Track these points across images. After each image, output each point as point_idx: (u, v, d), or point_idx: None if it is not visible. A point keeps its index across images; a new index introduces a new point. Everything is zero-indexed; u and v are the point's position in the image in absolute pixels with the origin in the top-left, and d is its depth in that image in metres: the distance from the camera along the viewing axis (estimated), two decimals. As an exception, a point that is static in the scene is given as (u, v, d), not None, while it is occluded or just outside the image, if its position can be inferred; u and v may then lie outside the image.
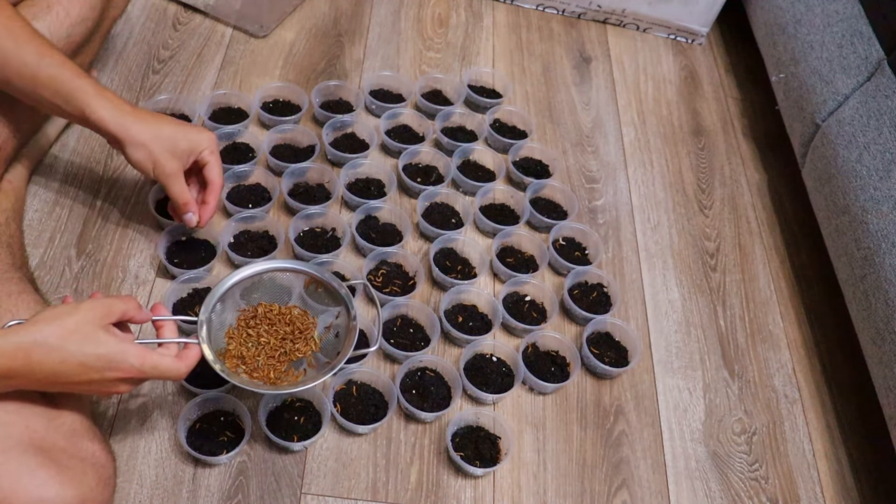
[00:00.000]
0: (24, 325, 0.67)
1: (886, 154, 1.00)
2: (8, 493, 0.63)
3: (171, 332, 0.77)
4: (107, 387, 0.71)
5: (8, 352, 0.65)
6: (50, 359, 0.66)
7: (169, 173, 0.89)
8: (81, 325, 0.68)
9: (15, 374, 0.66)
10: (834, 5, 1.21)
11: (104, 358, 0.68)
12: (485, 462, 0.90)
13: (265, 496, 0.85)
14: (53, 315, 0.68)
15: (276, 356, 0.83)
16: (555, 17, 1.55)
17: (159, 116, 0.90)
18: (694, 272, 1.18)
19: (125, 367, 0.70)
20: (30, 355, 0.65)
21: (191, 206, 0.92)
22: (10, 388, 0.68)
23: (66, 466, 0.68)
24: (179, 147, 0.89)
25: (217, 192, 0.94)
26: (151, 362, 0.71)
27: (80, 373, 0.68)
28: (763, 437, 1.02)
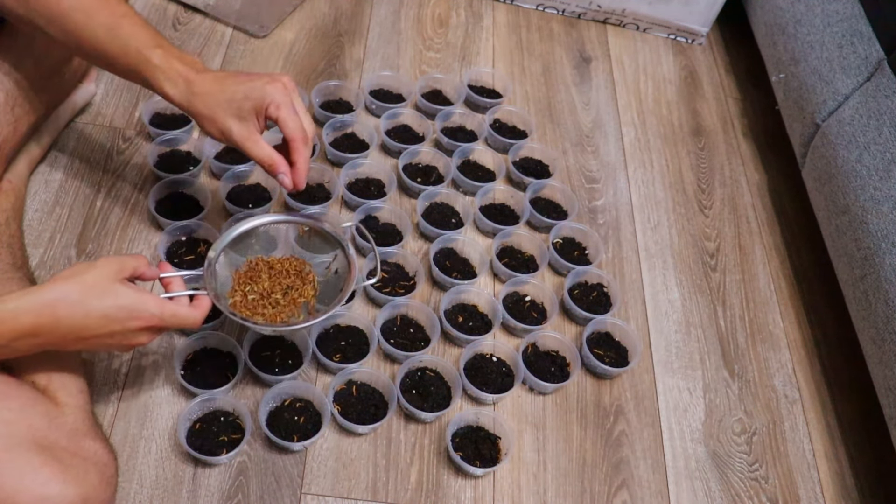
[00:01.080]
0: (44, 284, 0.68)
1: (886, 154, 1.00)
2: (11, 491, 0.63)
3: (179, 287, 0.78)
4: (128, 338, 0.73)
5: (34, 308, 0.67)
6: (74, 313, 0.68)
7: (239, 140, 0.81)
8: (100, 280, 0.70)
9: (41, 331, 0.67)
10: (834, 5, 1.21)
11: (125, 308, 0.70)
12: (485, 462, 0.90)
13: (265, 496, 0.85)
14: (71, 273, 0.70)
15: (281, 303, 0.86)
16: (555, 17, 1.55)
17: (223, 79, 0.81)
18: (694, 272, 1.18)
19: (146, 316, 0.72)
20: (55, 311, 0.67)
21: (277, 165, 0.82)
22: (36, 347, 0.69)
23: (69, 465, 0.68)
24: (244, 109, 0.80)
25: (300, 148, 0.82)
26: (170, 310, 0.74)
27: (103, 325, 0.70)
28: (763, 437, 1.02)
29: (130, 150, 1.13)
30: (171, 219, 1.02)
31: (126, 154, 1.12)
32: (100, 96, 1.18)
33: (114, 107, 1.18)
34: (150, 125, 1.12)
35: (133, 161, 1.12)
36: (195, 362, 0.91)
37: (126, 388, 0.90)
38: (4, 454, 0.65)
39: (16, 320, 0.67)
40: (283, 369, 0.92)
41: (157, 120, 1.14)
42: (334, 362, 0.93)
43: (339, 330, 0.98)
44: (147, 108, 1.13)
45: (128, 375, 0.91)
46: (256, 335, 0.94)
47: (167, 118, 1.15)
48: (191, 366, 0.91)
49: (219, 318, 0.94)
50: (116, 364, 0.92)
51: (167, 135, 1.10)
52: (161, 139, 1.10)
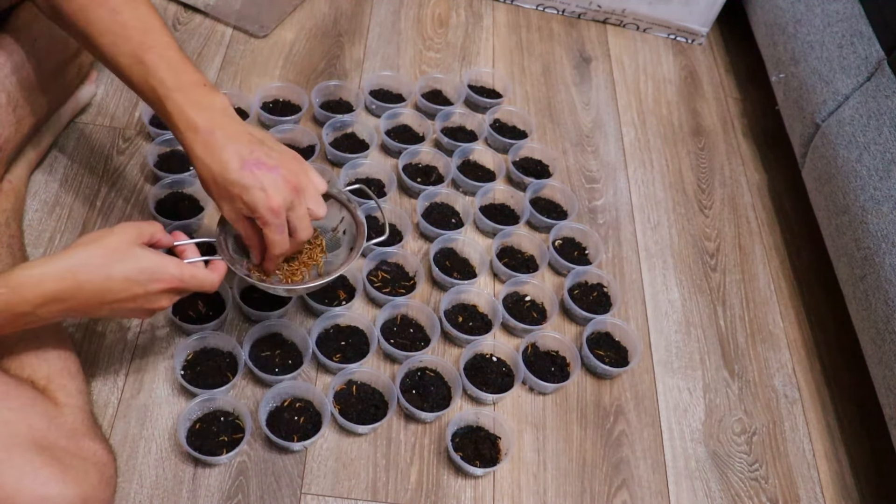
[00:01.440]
0: (66, 250, 0.69)
1: (886, 154, 1.00)
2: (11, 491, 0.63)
3: (193, 255, 0.79)
4: (150, 301, 0.73)
5: (56, 274, 0.67)
6: (96, 277, 0.69)
7: (228, 219, 0.79)
8: (120, 244, 0.71)
9: (65, 297, 0.68)
10: (834, 5, 1.21)
11: (147, 271, 0.71)
12: (485, 462, 0.90)
13: (265, 496, 0.85)
14: (92, 238, 0.71)
15: (290, 266, 0.88)
16: (555, 17, 1.55)
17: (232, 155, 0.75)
18: (694, 272, 1.18)
19: (167, 278, 0.73)
20: (77, 276, 0.68)
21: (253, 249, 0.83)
22: (60, 314, 0.70)
23: (69, 465, 0.68)
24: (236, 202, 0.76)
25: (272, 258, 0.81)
26: (190, 271, 0.75)
27: (126, 288, 0.71)
28: (763, 437, 1.02)
29: (130, 150, 1.13)
30: (171, 219, 1.02)
31: (126, 154, 1.12)
32: (100, 96, 1.18)
33: (114, 107, 1.18)
34: (150, 125, 1.12)
35: (133, 161, 1.12)
36: (195, 362, 0.91)
37: (126, 388, 0.90)
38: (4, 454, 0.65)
39: (39, 286, 0.67)
40: (283, 369, 0.92)
41: (157, 120, 1.14)
42: (334, 362, 0.93)
43: (339, 330, 0.98)
44: (147, 108, 1.13)
45: (128, 375, 0.91)
46: (256, 335, 0.94)
47: (167, 118, 1.15)
48: (191, 366, 0.91)
49: (219, 317, 0.94)
50: (116, 364, 0.92)
51: (167, 135, 1.10)
52: (161, 139, 1.10)
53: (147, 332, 0.95)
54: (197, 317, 0.95)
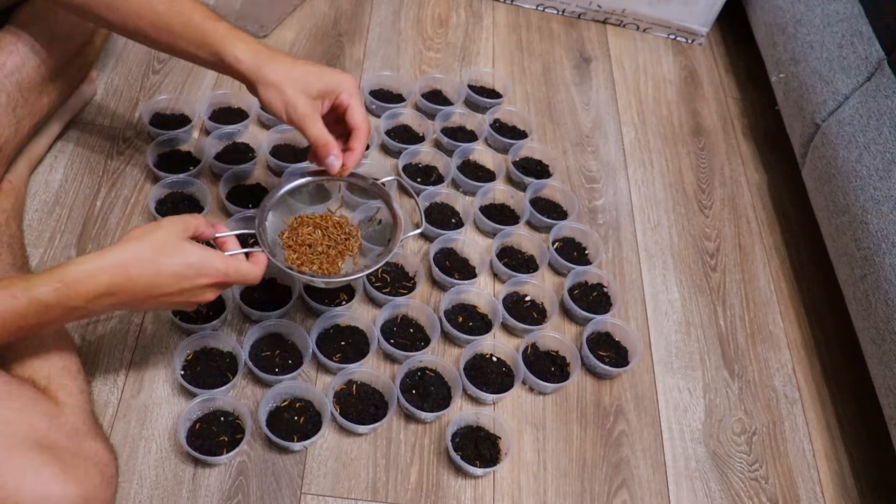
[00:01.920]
0: (116, 245, 0.71)
1: (886, 154, 1.00)
2: (13, 490, 0.63)
3: (234, 247, 0.81)
4: (196, 295, 0.76)
5: (108, 268, 0.69)
6: (146, 272, 0.71)
7: (302, 114, 0.82)
8: (169, 239, 0.73)
9: (116, 290, 0.70)
10: (834, 5, 1.21)
11: (194, 266, 0.73)
12: (485, 462, 0.90)
13: (265, 496, 0.85)
14: (141, 233, 0.72)
15: (328, 256, 0.89)
16: (555, 17, 1.55)
17: (297, 59, 0.84)
18: (694, 272, 1.18)
19: (213, 272, 0.75)
20: (128, 270, 0.70)
21: (331, 146, 0.84)
22: (111, 306, 0.72)
23: (70, 464, 0.68)
24: (314, 87, 0.83)
25: (363, 137, 0.86)
26: (234, 265, 0.77)
27: (174, 282, 0.73)
28: (763, 437, 1.02)
29: (130, 150, 1.13)
30: (171, 219, 1.02)
31: (126, 154, 1.12)
32: (100, 96, 1.18)
33: (114, 107, 1.18)
34: (150, 125, 1.12)
35: (133, 161, 1.12)
36: (195, 362, 0.91)
37: (126, 388, 0.90)
38: (6, 453, 0.65)
39: (92, 280, 0.69)
40: (283, 369, 0.92)
41: (157, 120, 1.14)
42: (334, 362, 0.93)
43: (339, 330, 0.98)
44: (147, 108, 1.13)
45: (128, 375, 0.91)
46: (256, 335, 0.94)
47: (167, 118, 1.15)
48: (191, 366, 0.91)
49: (219, 317, 0.94)
50: (116, 364, 0.92)
51: (167, 135, 1.10)
52: (161, 139, 1.10)
53: (147, 332, 0.95)
54: (197, 317, 0.95)
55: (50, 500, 0.65)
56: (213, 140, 1.12)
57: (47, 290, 0.67)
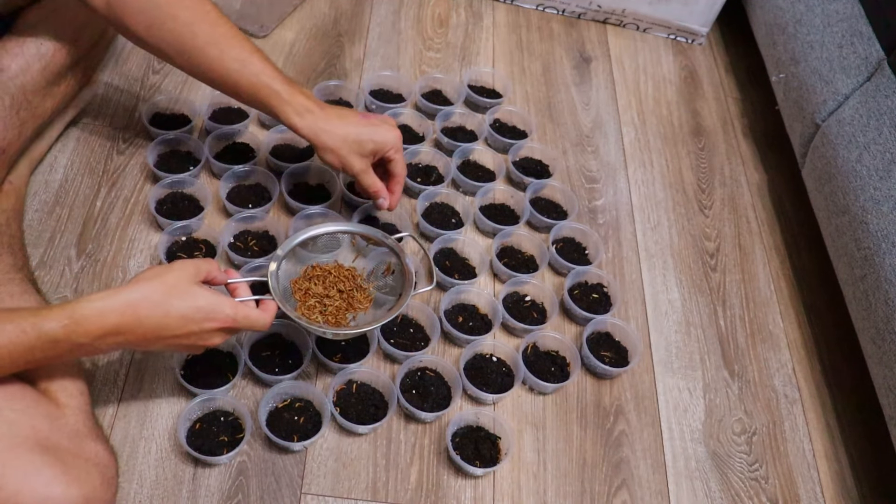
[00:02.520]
0: (127, 285, 0.72)
1: (886, 154, 1.00)
2: (14, 491, 0.63)
3: (245, 293, 0.82)
4: (203, 338, 0.76)
5: (118, 308, 0.70)
6: (155, 313, 0.72)
7: (357, 172, 0.96)
8: (180, 282, 0.73)
9: (123, 330, 0.71)
10: (834, 5, 1.21)
11: (203, 310, 0.74)
12: (485, 462, 0.90)
13: (265, 496, 0.85)
14: (152, 274, 0.73)
15: (338, 309, 0.91)
16: (555, 17, 1.55)
17: (346, 117, 0.94)
18: (694, 272, 1.18)
19: (222, 318, 0.75)
20: (137, 311, 0.71)
21: (382, 192, 0.98)
22: (115, 346, 0.72)
23: (72, 465, 0.68)
24: (366, 148, 0.94)
25: (401, 183, 1.00)
26: (244, 312, 0.78)
27: (182, 325, 0.73)
28: (763, 437, 1.02)
29: (130, 150, 1.13)
30: (171, 219, 1.02)
31: (126, 154, 1.12)
32: (100, 96, 1.18)
33: (114, 107, 1.18)
34: (150, 125, 1.12)
35: (133, 161, 1.12)
36: (195, 362, 0.91)
37: (126, 388, 0.90)
38: (8, 454, 0.65)
39: (102, 318, 0.69)
40: (283, 369, 0.92)
41: (157, 120, 1.14)
42: (334, 362, 0.93)
43: (339, 330, 0.98)
44: (147, 108, 1.13)
45: (128, 376, 0.91)
46: (256, 335, 0.94)
47: (167, 118, 1.15)
48: (191, 366, 0.91)
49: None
50: (116, 365, 0.92)
51: (167, 135, 1.10)
52: (161, 139, 1.10)
53: (147, 332, 0.95)
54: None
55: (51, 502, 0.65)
56: (213, 140, 1.12)
57: (56, 325, 0.67)
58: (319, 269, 0.94)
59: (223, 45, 0.89)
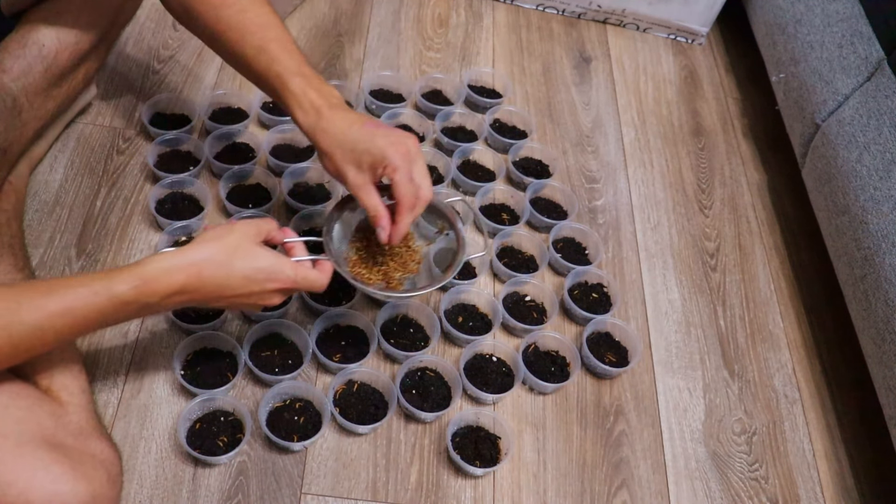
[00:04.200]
0: (190, 246, 0.73)
1: (886, 154, 1.00)
2: (24, 487, 0.63)
3: (301, 253, 0.82)
4: (263, 298, 0.78)
5: (184, 268, 0.71)
6: (219, 274, 0.73)
7: (352, 186, 0.82)
8: (242, 242, 0.75)
9: (189, 289, 0.72)
10: (834, 5, 1.21)
11: (265, 271, 0.75)
12: (485, 462, 0.90)
13: (265, 496, 0.85)
14: (215, 235, 0.74)
15: (392, 270, 0.90)
16: (555, 17, 1.55)
17: (353, 121, 0.81)
18: (694, 272, 1.18)
19: (282, 278, 0.76)
20: (201, 271, 0.72)
21: (380, 220, 0.82)
22: (180, 304, 0.74)
23: (78, 462, 0.68)
24: (363, 161, 0.80)
25: (403, 212, 0.82)
26: (303, 273, 0.78)
27: (243, 285, 0.75)
28: (763, 437, 1.02)
29: (130, 150, 1.13)
30: (171, 219, 1.02)
31: (126, 154, 1.12)
32: (100, 96, 1.18)
33: (114, 107, 1.18)
34: (150, 125, 1.12)
35: (133, 161, 1.12)
36: (195, 362, 0.91)
37: (126, 388, 0.90)
38: (16, 451, 0.65)
39: (168, 279, 0.71)
40: (283, 369, 0.92)
41: (157, 120, 1.14)
42: (334, 362, 0.93)
43: (339, 330, 0.98)
44: (147, 108, 1.13)
45: (128, 375, 0.91)
46: (256, 335, 0.94)
47: (167, 118, 1.15)
48: (191, 366, 0.91)
49: (219, 317, 0.94)
50: (116, 364, 0.92)
51: (167, 135, 1.10)
52: (161, 139, 1.10)
53: (147, 332, 0.95)
54: (197, 317, 0.95)
55: (59, 498, 0.65)
56: (213, 140, 1.12)
57: (126, 287, 0.69)
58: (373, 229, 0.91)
59: (244, 30, 0.85)
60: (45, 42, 0.95)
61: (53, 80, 0.98)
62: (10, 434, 0.66)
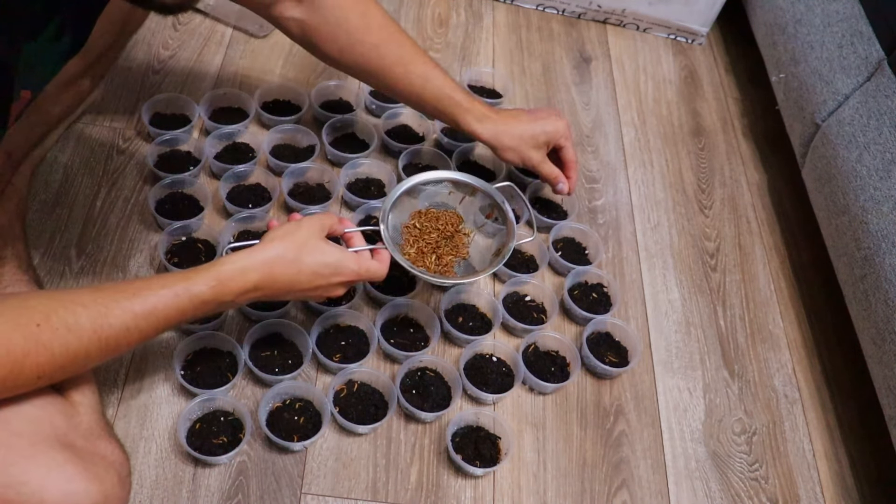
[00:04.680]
0: (261, 246, 0.78)
1: (886, 154, 1.00)
2: (38, 487, 0.63)
3: (360, 243, 0.87)
4: (329, 291, 0.83)
5: (257, 267, 0.76)
6: (289, 270, 0.78)
7: (536, 164, 1.06)
8: (309, 239, 0.79)
9: (262, 287, 0.77)
10: (834, 5, 1.21)
11: (331, 266, 0.80)
12: (485, 462, 0.90)
13: (265, 496, 0.85)
14: (284, 232, 0.79)
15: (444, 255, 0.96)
16: (555, 17, 1.55)
17: (518, 116, 1.04)
18: (694, 272, 1.18)
19: (347, 272, 0.82)
20: (273, 269, 0.77)
21: (560, 178, 1.08)
22: (253, 299, 0.78)
23: (90, 463, 0.68)
24: (540, 141, 1.04)
25: (575, 167, 1.09)
26: (365, 265, 0.84)
27: (311, 280, 0.79)
28: (763, 437, 1.02)
29: (130, 150, 1.13)
30: (171, 219, 1.02)
31: (126, 154, 1.12)
32: (100, 96, 1.18)
33: (114, 107, 1.18)
34: (150, 125, 1.12)
35: (133, 161, 1.12)
36: (195, 362, 0.91)
37: (126, 388, 0.90)
38: (30, 450, 0.65)
39: (243, 277, 0.75)
40: (283, 369, 0.92)
41: (157, 120, 1.14)
42: (334, 362, 0.93)
43: (339, 330, 0.98)
44: (147, 108, 1.13)
45: (128, 375, 0.91)
46: (256, 335, 0.94)
47: (167, 118, 1.15)
48: (191, 366, 0.91)
49: (219, 317, 0.94)
50: (116, 364, 0.92)
51: (167, 135, 1.10)
52: (161, 139, 1.10)
53: (147, 332, 0.95)
54: (197, 317, 0.95)
55: (73, 498, 0.65)
56: (213, 140, 1.12)
57: (205, 288, 0.73)
58: (428, 214, 0.99)
59: (408, 64, 0.98)
60: None
61: (60, 85, 0.98)
62: (23, 433, 0.66)
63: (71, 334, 0.65)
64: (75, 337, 0.66)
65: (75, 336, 0.66)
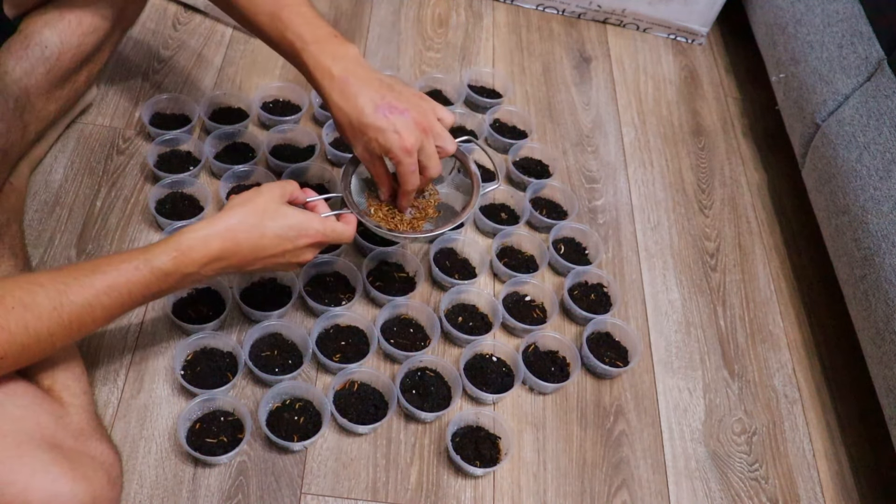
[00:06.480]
0: (221, 213, 0.76)
1: (886, 154, 1.00)
2: (22, 487, 0.63)
3: (325, 209, 0.85)
4: (297, 255, 0.81)
5: (219, 234, 0.75)
6: (252, 235, 0.76)
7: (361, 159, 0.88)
8: (269, 204, 0.78)
9: (226, 255, 0.76)
10: (834, 5, 1.21)
11: (295, 227, 0.78)
12: (485, 462, 0.90)
13: (265, 496, 0.85)
14: (244, 199, 0.78)
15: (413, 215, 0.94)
16: (555, 17, 1.55)
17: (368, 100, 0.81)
18: (694, 272, 1.18)
19: (312, 233, 0.80)
20: (236, 235, 0.76)
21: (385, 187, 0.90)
22: (219, 271, 0.77)
23: (78, 463, 0.68)
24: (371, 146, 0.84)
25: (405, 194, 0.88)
26: (331, 226, 0.82)
27: (277, 244, 0.78)
28: (763, 437, 1.02)
29: (130, 150, 1.13)
30: (171, 219, 1.02)
31: (126, 154, 1.12)
32: (100, 96, 1.18)
33: (114, 107, 1.18)
34: (150, 125, 1.12)
35: (133, 161, 1.12)
36: (195, 362, 0.91)
37: (126, 388, 0.90)
38: (14, 450, 0.65)
39: (206, 246, 0.74)
40: (283, 369, 0.92)
41: (157, 120, 1.14)
42: (334, 362, 0.93)
43: (339, 330, 0.98)
44: (147, 108, 1.13)
45: (128, 375, 0.91)
46: (256, 335, 0.94)
47: (167, 118, 1.15)
48: (191, 366, 0.91)
49: (219, 317, 0.94)
50: (116, 364, 0.92)
51: (167, 135, 1.10)
52: (161, 139, 1.10)
53: (147, 332, 0.95)
54: (197, 317, 0.95)
55: (58, 499, 0.65)
56: (213, 140, 1.12)
57: (166, 258, 0.72)
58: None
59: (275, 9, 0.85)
60: (47, 44, 0.95)
61: (56, 81, 0.98)
62: (8, 433, 0.66)
63: (29, 313, 0.65)
64: (34, 316, 0.65)
65: (34, 315, 0.65)
